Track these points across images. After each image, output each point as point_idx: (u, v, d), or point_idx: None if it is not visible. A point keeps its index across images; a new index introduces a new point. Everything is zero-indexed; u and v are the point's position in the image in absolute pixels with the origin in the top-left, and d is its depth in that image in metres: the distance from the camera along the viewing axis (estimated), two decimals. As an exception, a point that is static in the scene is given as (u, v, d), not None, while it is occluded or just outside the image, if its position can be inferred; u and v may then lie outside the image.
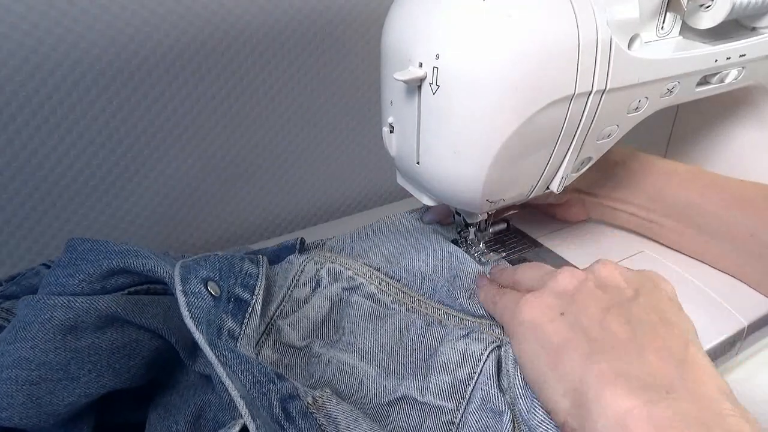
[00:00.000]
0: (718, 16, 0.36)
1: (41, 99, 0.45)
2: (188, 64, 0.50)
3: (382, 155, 0.41)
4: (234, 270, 0.35)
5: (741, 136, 0.51)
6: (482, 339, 0.34)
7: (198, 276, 0.32)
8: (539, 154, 0.36)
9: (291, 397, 0.28)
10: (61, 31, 0.44)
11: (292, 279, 0.39)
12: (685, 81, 0.38)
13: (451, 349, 0.34)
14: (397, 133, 0.38)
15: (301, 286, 0.39)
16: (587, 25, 0.31)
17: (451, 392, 0.33)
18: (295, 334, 0.36)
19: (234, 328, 0.32)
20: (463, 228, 0.44)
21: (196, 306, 0.30)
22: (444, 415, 0.32)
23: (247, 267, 0.36)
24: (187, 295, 0.30)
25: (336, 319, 0.38)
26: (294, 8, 0.53)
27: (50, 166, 0.48)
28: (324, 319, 0.37)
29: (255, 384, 0.28)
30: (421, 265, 0.40)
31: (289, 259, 0.41)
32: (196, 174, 0.55)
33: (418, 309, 0.38)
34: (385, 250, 0.42)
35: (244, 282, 0.35)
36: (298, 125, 0.59)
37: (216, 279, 0.33)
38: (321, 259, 0.40)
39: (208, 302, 0.31)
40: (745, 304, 0.42)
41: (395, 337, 0.36)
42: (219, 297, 0.32)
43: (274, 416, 0.27)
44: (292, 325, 0.37)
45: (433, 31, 0.32)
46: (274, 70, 0.55)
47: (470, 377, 0.33)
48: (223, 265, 0.34)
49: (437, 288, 0.39)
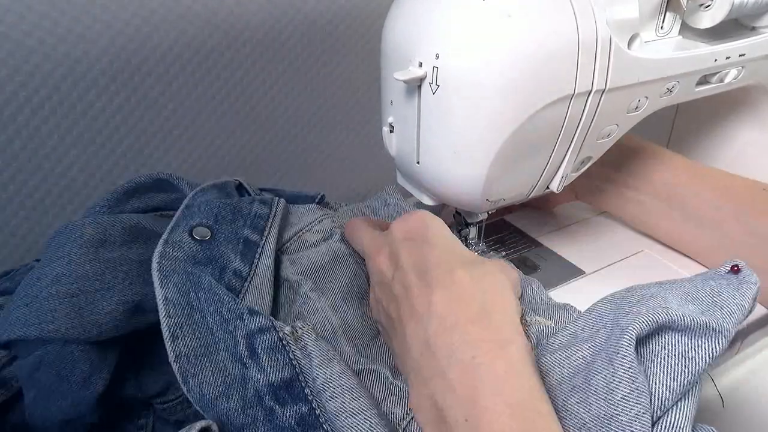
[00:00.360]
0: (717, 15, 0.36)
1: (41, 99, 0.45)
2: (188, 64, 0.50)
3: (382, 155, 0.41)
4: (242, 213, 0.37)
5: (741, 136, 0.51)
6: None
7: (188, 224, 0.34)
8: (539, 154, 0.36)
9: (261, 330, 0.28)
10: (61, 31, 0.44)
11: (308, 224, 0.40)
12: (685, 80, 0.38)
13: None
14: (397, 133, 0.38)
15: (314, 232, 0.40)
16: (587, 24, 0.31)
17: None
18: (292, 268, 0.37)
19: (241, 269, 0.34)
20: (463, 227, 0.44)
21: (169, 256, 0.32)
22: None
23: (256, 209, 0.37)
24: (166, 245, 0.32)
25: (335, 272, 0.38)
26: (294, 8, 0.53)
27: (50, 166, 0.48)
28: (323, 266, 0.38)
29: (222, 324, 0.29)
30: None
31: (309, 206, 0.42)
32: (196, 174, 0.55)
33: None
34: None
35: (254, 223, 0.36)
36: (298, 125, 0.59)
37: (208, 224, 0.35)
38: (339, 222, 0.41)
39: (189, 249, 0.33)
40: (745, 304, 0.42)
41: (373, 331, 0.36)
42: (213, 239, 0.34)
43: (238, 354, 0.28)
44: (292, 261, 0.38)
45: (433, 31, 0.32)
46: (274, 70, 0.55)
47: None
48: (223, 211, 0.36)
49: None
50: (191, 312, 0.30)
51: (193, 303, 0.31)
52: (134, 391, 0.33)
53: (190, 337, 0.29)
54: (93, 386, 0.30)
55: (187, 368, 0.28)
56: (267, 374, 0.27)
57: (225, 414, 0.28)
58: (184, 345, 0.29)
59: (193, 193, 0.37)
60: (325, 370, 0.27)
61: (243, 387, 0.28)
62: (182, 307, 0.30)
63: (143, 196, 0.39)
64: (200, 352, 0.29)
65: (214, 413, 0.28)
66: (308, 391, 0.27)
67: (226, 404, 0.28)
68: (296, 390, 0.27)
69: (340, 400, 0.26)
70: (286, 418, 0.27)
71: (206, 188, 0.38)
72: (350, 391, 0.27)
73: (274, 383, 0.27)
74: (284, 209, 0.39)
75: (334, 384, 0.27)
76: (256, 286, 0.33)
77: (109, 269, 0.32)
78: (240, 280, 0.33)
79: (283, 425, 0.27)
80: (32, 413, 0.29)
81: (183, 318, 0.30)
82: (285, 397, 0.27)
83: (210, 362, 0.29)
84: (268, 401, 0.27)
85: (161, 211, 0.39)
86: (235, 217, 0.36)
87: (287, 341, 0.28)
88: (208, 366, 0.29)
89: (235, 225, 0.36)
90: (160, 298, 0.30)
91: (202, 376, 0.29)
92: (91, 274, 0.31)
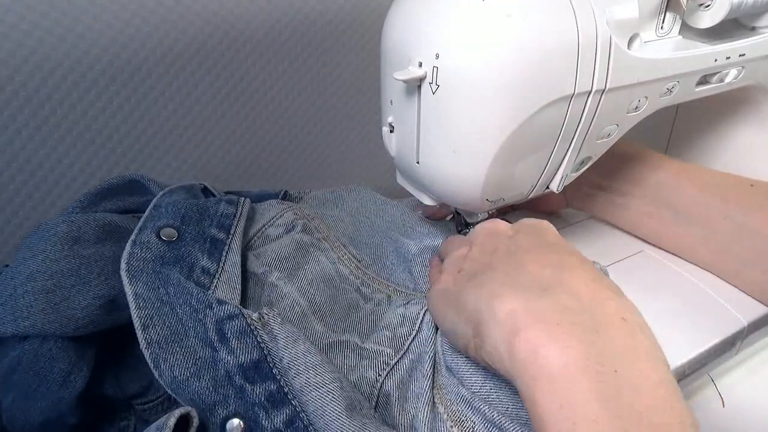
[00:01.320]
0: (717, 15, 0.36)
1: (41, 99, 0.45)
2: (188, 64, 0.50)
3: (382, 155, 0.41)
4: (209, 212, 0.38)
5: (741, 136, 0.51)
6: (420, 303, 0.37)
7: (155, 225, 0.35)
8: (539, 154, 0.36)
9: (230, 317, 0.30)
10: (61, 31, 0.44)
11: (270, 219, 0.41)
12: (685, 81, 0.38)
13: (392, 314, 0.37)
14: (396, 133, 0.38)
15: (276, 226, 0.41)
16: (587, 24, 0.31)
17: (390, 342, 0.35)
18: (257, 261, 0.38)
19: (209, 266, 0.34)
20: (463, 227, 0.44)
21: (137, 257, 0.33)
22: (381, 357, 0.34)
23: (223, 208, 0.39)
24: (134, 245, 0.33)
25: (298, 260, 0.40)
26: (294, 8, 0.53)
27: (50, 166, 0.48)
28: (287, 256, 0.40)
29: (192, 313, 0.30)
30: (385, 253, 0.42)
31: (270, 201, 0.44)
32: (196, 174, 0.55)
33: (372, 285, 0.41)
34: (359, 229, 0.44)
35: (220, 222, 0.37)
36: (298, 125, 0.59)
37: (175, 224, 0.35)
38: (300, 214, 0.43)
39: (157, 249, 0.34)
40: (745, 304, 0.42)
41: (345, 308, 0.38)
42: (180, 239, 0.35)
43: (208, 339, 0.30)
44: (257, 255, 0.39)
45: (433, 31, 0.32)
46: (274, 70, 0.55)
47: (409, 333, 0.36)
48: (190, 211, 0.37)
49: (393, 271, 0.42)
50: (161, 306, 0.31)
51: (162, 297, 0.32)
52: (114, 391, 0.33)
53: (161, 326, 0.31)
54: (72, 385, 0.30)
55: (158, 353, 0.30)
56: (236, 356, 0.29)
57: (197, 393, 0.29)
58: (154, 333, 0.30)
59: (162, 194, 0.38)
60: (290, 350, 0.29)
61: (213, 368, 0.30)
62: (152, 302, 0.31)
63: (115, 198, 0.39)
64: (171, 339, 0.30)
65: (186, 394, 0.29)
66: (276, 371, 0.29)
67: (197, 384, 0.29)
68: (264, 370, 0.29)
69: (304, 376, 0.28)
70: (256, 395, 0.28)
71: (174, 189, 0.39)
72: (314, 367, 0.29)
73: (243, 364, 0.29)
74: (249, 209, 0.41)
75: (298, 362, 0.29)
76: (224, 281, 0.34)
77: (84, 265, 0.32)
78: (209, 277, 0.34)
79: (254, 401, 0.28)
80: (11, 417, 0.29)
81: (153, 310, 0.31)
82: (254, 376, 0.29)
83: (180, 347, 0.30)
84: (238, 380, 0.29)
85: (133, 213, 0.40)
86: (201, 216, 0.37)
87: (255, 326, 0.30)
88: (179, 351, 0.30)
89: (202, 225, 0.37)
90: (130, 294, 0.31)
91: (173, 359, 0.30)
92: (66, 270, 0.31)
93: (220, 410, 0.28)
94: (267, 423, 0.28)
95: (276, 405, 0.28)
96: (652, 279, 0.44)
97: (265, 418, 0.28)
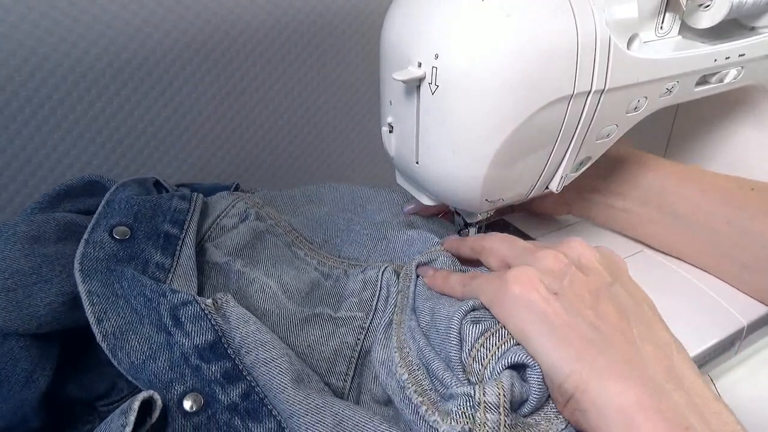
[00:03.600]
0: (717, 15, 0.36)
1: (41, 99, 0.45)
2: (188, 64, 0.50)
3: (382, 155, 0.41)
4: (162, 209, 0.38)
5: (740, 136, 0.50)
6: (376, 267, 0.40)
7: (108, 223, 0.35)
8: (538, 154, 0.36)
9: (184, 303, 0.31)
10: (61, 31, 0.44)
11: (223, 210, 0.42)
12: (684, 81, 0.38)
13: (353, 282, 0.40)
14: (396, 133, 0.38)
15: (230, 217, 0.42)
16: (586, 24, 0.31)
17: (360, 307, 0.38)
18: (218, 252, 0.39)
19: (164, 262, 0.35)
20: (463, 228, 0.44)
21: (90, 257, 0.33)
22: (355, 322, 0.37)
23: (176, 204, 0.39)
24: (87, 245, 0.33)
25: (257, 247, 0.41)
26: (294, 8, 0.53)
27: (50, 166, 0.48)
28: (246, 244, 0.41)
29: (146, 303, 0.31)
30: (335, 232, 0.44)
31: (221, 194, 0.44)
32: (196, 174, 0.56)
33: (327, 263, 0.43)
34: (307, 214, 0.46)
35: (173, 218, 0.38)
36: (297, 125, 0.59)
37: (128, 222, 0.36)
38: (250, 203, 0.44)
39: (110, 248, 0.34)
40: (745, 304, 0.42)
41: (309, 286, 0.40)
42: (133, 237, 0.35)
43: (163, 325, 0.31)
44: (216, 246, 0.40)
45: (432, 31, 0.32)
46: (274, 70, 0.55)
47: (373, 296, 0.38)
48: (143, 208, 0.37)
49: (344, 247, 0.44)
50: (115, 299, 0.32)
51: (117, 292, 0.32)
52: (78, 392, 0.33)
53: (115, 318, 0.31)
54: (35, 385, 0.30)
55: (114, 343, 0.31)
56: (192, 338, 0.30)
57: (154, 374, 0.30)
58: (109, 325, 0.31)
59: (114, 188, 0.38)
60: (241, 330, 0.31)
61: (169, 351, 0.31)
62: (106, 297, 0.32)
63: (75, 200, 0.39)
64: (125, 328, 0.31)
65: (144, 376, 0.30)
66: (230, 351, 0.30)
67: (153, 365, 0.30)
68: (219, 350, 0.30)
69: (254, 353, 0.30)
70: (212, 373, 0.30)
71: (127, 183, 0.39)
72: (263, 345, 0.31)
73: (198, 345, 0.30)
74: (202, 203, 0.41)
75: (249, 341, 0.31)
76: (179, 275, 0.35)
77: (46, 263, 0.32)
78: (164, 272, 0.35)
79: (210, 378, 0.30)
80: (-29, 421, 0.30)
81: (107, 305, 0.32)
82: (209, 356, 0.30)
83: (135, 335, 0.31)
84: (194, 360, 0.30)
85: (93, 214, 0.40)
86: (155, 213, 0.37)
87: (209, 311, 0.31)
88: (134, 338, 0.31)
89: (155, 221, 0.37)
90: (83, 292, 0.31)
91: (129, 346, 0.31)
92: (27, 268, 0.32)
93: (177, 386, 0.30)
94: (224, 397, 0.29)
95: (231, 381, 0.30)
96: (652, 279, 0.44)
97: (222, 393, 0.30)
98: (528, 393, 0.27)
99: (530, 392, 0.27)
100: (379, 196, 0.46)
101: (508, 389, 0.26)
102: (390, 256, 0.42)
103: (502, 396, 0.26)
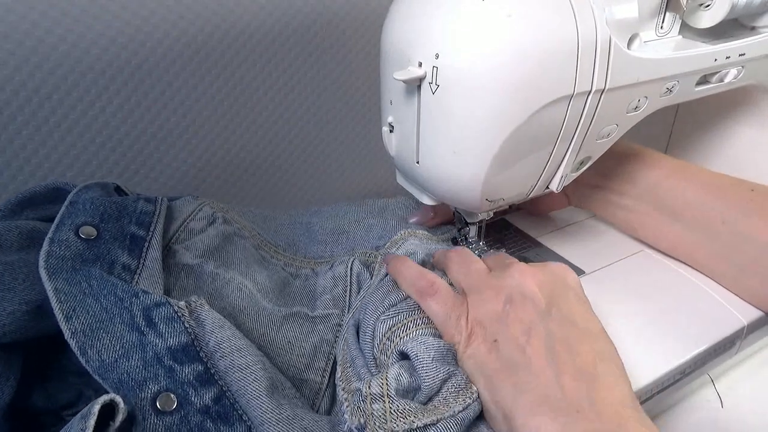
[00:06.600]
0: (717, 15, 0.36)
1: (41, 99, 0.45)
2: (188, 64, 0.50)
3: (382, 155, 0.41)
4: (128, 210, 0.38)
5: (741, 136, 0.51)
6: (343, 262, 0.41)
7: (74, 222, 0.35)
8: (539, 154, 0.36)
9: (157, 305, 0.31)
10: (61, 31, 0.44)
11: (190, 214, 0.42)
12: (685, 80, 0.38)
13: (323, 280, 0.41)
14: (396, 133, 0.38)
15: (198, 220, 0.42)
16: (586, 24, 0.31)
17: (335, 303, 0.39)
18: (189, 254, 0.40)
19: (130, 263, 0.35)
20: (463, 227, 0.45)
21: (56, 255, 0.32)
22: (332, 319, 0.38)
23: (141, 206, 0.39)
24: (52, 243, 0.33)
25: (229, 249, 0.41)
26: (294, 8, 0.53)
27: (50, 166, 0.48)
28: (217, 247, 0.41)
29: (117, 302, 0.31)
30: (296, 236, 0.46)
31: (186, 198, 0.45)
32: (196, 174, 0.56)
33: (293, 264, 0.44)
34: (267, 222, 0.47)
35: (139, 220, 0.38)
36: (298, 125, 0.59)
37: (94, 222, 0.35)
38: (216, 207, 0.44)
39: (76, 248, 0.34)
40: (745, 304, 0.42)
41: (280, 286, 0.41)
42: (100, 237, 0.35)
43: (135, 325, 0.31)
44: (186, 248, 0.40)
45: (433, 31, 0.32)
46: (274, 70, 0.55)
47: (345, 292, 0.40)
48: (109, 209, 0.37)
49: (308, 248, 0.45)
50: (84, 297, 0.32)
51: (85, 290, 0.32)
52: (43, 402, 0.33)
53: (84, 316, 0.31)
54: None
55: (84, 341, 0.30)
56: (165, 339, 0.30)
57: (126, 372, 0.29)
58: (78, 323, 0.30)
59: (77, 190, 0.38)
60: (216, 334, 0.31)
61: (142, 350, 0.30)
62: (74, 295, 0.32)
63: (38, 207, 0.39)
64: (96, 326, 0.31)
65: (114, 375, 0.29)
66: (203, 354, 0.30)
67: (126, 363, 0.30)
68: (192, 353, 0.30)
69: (229, 359, 0.30)
70: (185, 374, 0.30)
71: (90, 185, 0.39)
72: (238, 350, 0.31)
73: (171, 347, 0.30)
74: (167, 207, 0.42)
75: (224, 346, 0.31)
76: (145, 277, 0.35)
77: (8, 271, 0.32)
78: (129, 273, 0.34)
79: (183, 380, 0.30)
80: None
81: (76, 303, 0.31)
82: (182, 358, 0.30)
83: (107, 333, 0.31)
84: (167, 361, 0.30)
85: None
86: (120, 214, 0.37)
87: (182, 313, 0.31)
88: (105, 336, 0.31)
89: (121, 222, 0.37)
90: (50, 290, 0.31)
91: (100, 345, 0.30)
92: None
93: (151, 385, 0.29)
94: (197, 399, 0.30)
95: (204, 384, 0.30)
96: (652, 279, 0.44)
97: (195, 395, 0.30)
98: (420, 381, 0.29)
99: (419, 380, 0.29)
100: (329, 209, 0.49)
101: (393, 379, 0.29)
102: (352, 246, 0.44)
103: (385, 386, 0.28)
